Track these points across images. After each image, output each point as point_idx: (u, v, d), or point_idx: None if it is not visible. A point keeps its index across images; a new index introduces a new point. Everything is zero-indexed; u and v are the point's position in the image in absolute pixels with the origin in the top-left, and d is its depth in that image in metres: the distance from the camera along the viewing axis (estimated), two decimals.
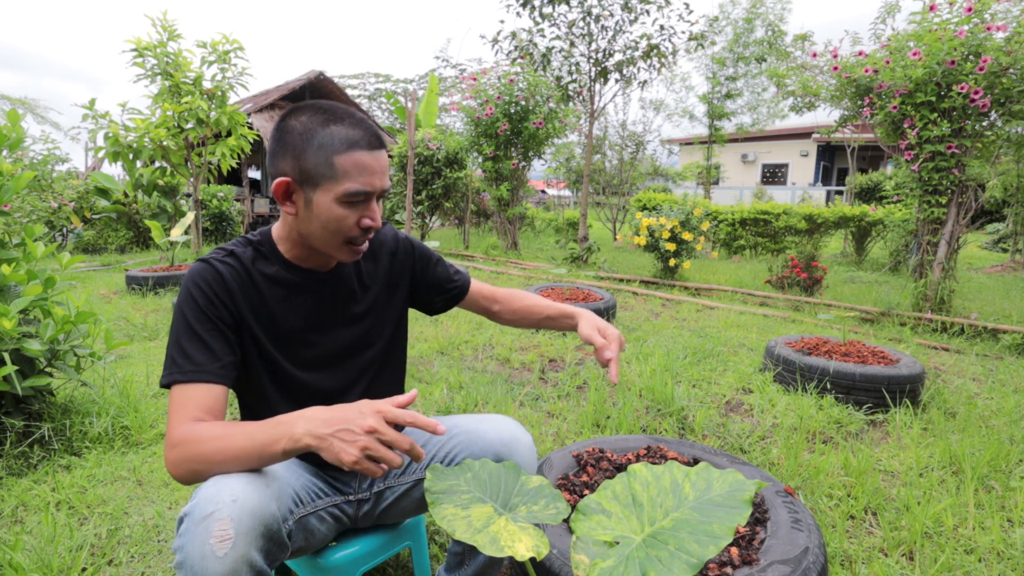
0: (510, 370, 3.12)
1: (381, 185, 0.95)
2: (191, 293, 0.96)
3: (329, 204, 0.93)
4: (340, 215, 0.93)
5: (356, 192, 0.92)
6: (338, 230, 0.95)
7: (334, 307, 1.09)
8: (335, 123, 0.92)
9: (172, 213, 8.28)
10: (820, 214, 8.64)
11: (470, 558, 1.13)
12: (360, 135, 0.93)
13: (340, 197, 0.92)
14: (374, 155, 0.94)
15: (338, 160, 0.91)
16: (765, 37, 11.08)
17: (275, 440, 0.81)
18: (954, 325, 4.16)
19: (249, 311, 1.00)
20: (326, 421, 0.80)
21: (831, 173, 21.85)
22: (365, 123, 0.95)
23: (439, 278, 1.24)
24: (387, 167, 0.97)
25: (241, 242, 1.05)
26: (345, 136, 0.92)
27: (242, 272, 1.01)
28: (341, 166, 0.91)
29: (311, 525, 1.01)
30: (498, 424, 1.08)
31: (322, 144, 0.91)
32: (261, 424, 0.83)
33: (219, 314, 0.96)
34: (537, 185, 20.01)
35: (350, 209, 0.94)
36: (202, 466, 0.83)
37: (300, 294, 1.05)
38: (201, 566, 0.74)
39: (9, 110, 2.43)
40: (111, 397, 2.33)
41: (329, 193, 0.92)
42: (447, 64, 10.88)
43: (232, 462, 0.82)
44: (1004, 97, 4.06)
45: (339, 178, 0.91)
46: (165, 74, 5.57)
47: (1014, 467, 2.03)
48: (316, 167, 0.91)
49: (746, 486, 0.73)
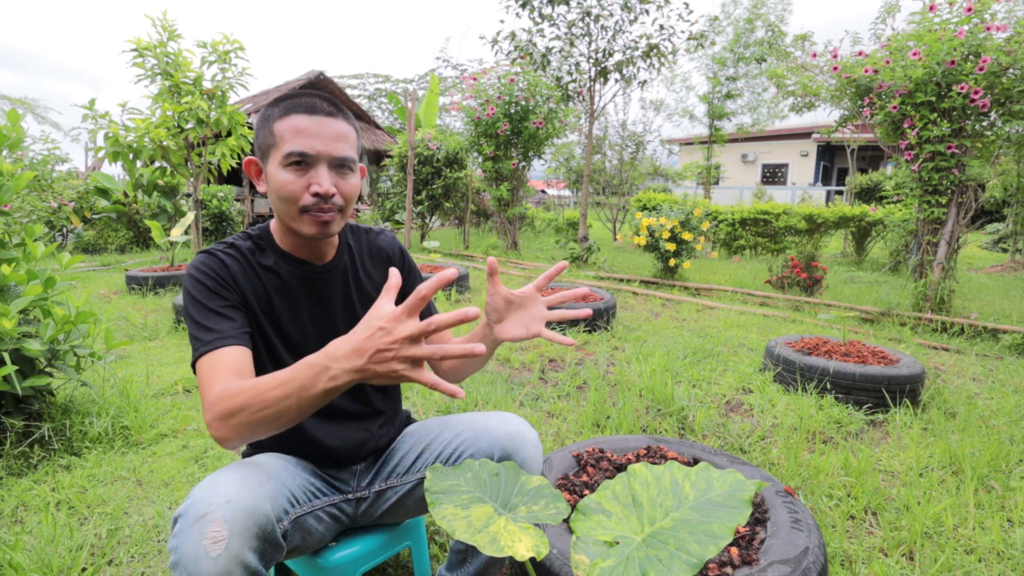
0: (510, 370, 3.12)
1: (323, 149, 0.94)
2: (197, 279, 0.98)
3: (276, 171, 0.96)
4: (284, 180, 0.94)
5: (291, 153, 0.93)
6: (288, 197, 0.95)
7: (330, 301, 1.10)
8: (285, 100, 0.97)
9: (172, 213, 8.28)
10: (820, 214, 8.64)
11: (472, 556, 1.13)
12: (300, 101, 0.96)
13: (281, 161, 0.95)
14: (315, 119, 0.95)
15: (277, 126, 0.95)
16: (765, 37, 11.08)
17: (312, 382, 0.76)
18: (954, 325, 4.16)
19: (252, 296, 1.02)
20: (356, 350, 0.73)
21: (831, 173, 21.85)
22: (311, 94, 0.98)
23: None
24: (340, 135, 0.96)
25: (241, 236, 1.07)
26: (286, 105, 0.96)
27: (243, 261, 1.03)
28: (279, 131, 0.95)
29: (309, 525, 1.01)
30: (504, 421, 1.09)
31: (267, 116, 0.97)
32: (291, 369, 0.79)
33: (227, 292, 0.99)
34: (537, 185, 20.03)
35: (294, 174, 0.94)
36: (242, 418, 0.80)
37: (297, 285, 1.07)
38: (195, 567, 0.74)
39: (9, 110, 2.43)
40: (111, 397, 2.34)
41: (275, 160, 0.96)
42: (447, 64, 10.86)
43: (272, 409, 0.78)
44: (1004, 97, 4.06)
45: (279, 144, 0.95)
46: (165, 74, 5.57)
47: (1014, 467, 2.03)
48: (264, 139, 0.97)
49: (746, 486, 0.73)
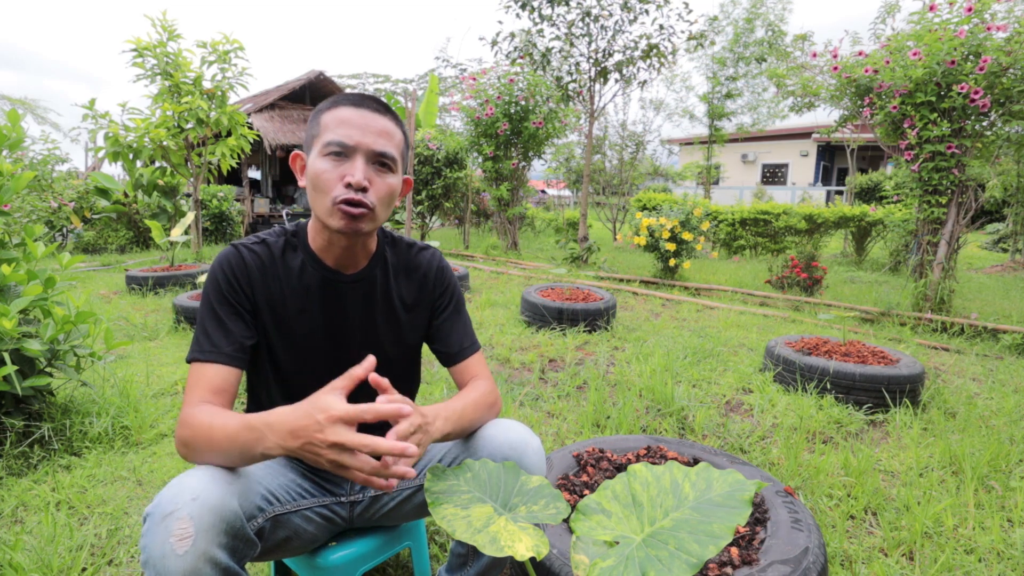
0: (510, 370, 3.12)
1: (362, 140, 0.95)
2: (215, 276, 1.01)
3: (314, 161, 0.97)
4: (320, 169, 0.95)
5: (331, 142, 0.94)
6: (322, 187, 0.95)
7: (346, 309, 1.08)
8: (337, 95, 0.99)
9: (172, 213, 8.27)
10: (820, 214, 8.64)
11: (473, 559, 1.11)
12: (350, 96, 0.98)
13: (321, 150, 0.96)
14: (359, 112, 0.96)
15: (323, 117, 0.97)
16: (765, 37, 11.08)
17: (251, 446, 0.83)
18: (954, 325, 4.16)
19: (264, 299, 1.03)
20: (292, 433, 0.79)
21: (831, 173, 21.84)
22: (364, 92, 1.00)
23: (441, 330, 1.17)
24: (383, 131, 0.97)
25: (276, 232, 1.08)
26: (337, 98, 0.99)
27: (267, 261, 1.04)
28: (324, 122, 0.97)
29: (294, 524, 1.01)
30: (507, 428, 1.06)
31: (319, 110, 0.99)
32: (240, 425, 0.84)
33: (238, 297, 1.00)
34: (537, 185, 20.01)
35: (331, 163, 0.95)
36: (194, 453, 0.87)
37: (317, 290, 1.05)
38: (162, 564, 0.74)
39: (9, 110, 2.43)
40: (111, 397, 2.33)
41: (315, 150, 0.97)
42: (447, 64, 10.85)
43: (217, 454, 0.86)
44: (1004, 97, 4.06)
45: (321, 133, 0.96)
46: (165, 74, 5.57)
47: (1014, 467, 2.03)
48: (311, 129, 0.99)
49: (746, 486, 0.73)
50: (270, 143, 10.60)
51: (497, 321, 4.17)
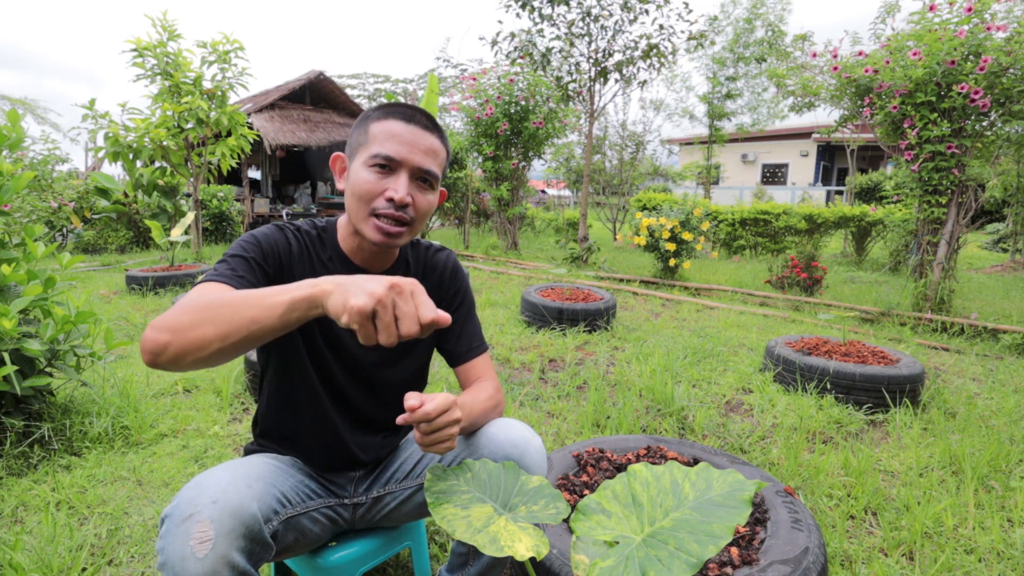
0: (510, 370, 3.12)
1: (409, 156, 0.95)
2: (257, 237, 0.99)
3: (358, 169, 0.97)
4: (364, 178, 0.95)
5: (378, 154, 0.95)
6: (363, 196, 0.96)
7: None
8: (389, 105, 0.98)
9: (172, 213, 8.27)
10: (820, 214, 8.64)
11: (474, 559, 1.11)
12: (401, 109, 0.98)
13: (367, 160, 0.96)
14: (410, 127, 0.96)
15: (372, 127, 0.97)
16: (765, 37, 11.08)
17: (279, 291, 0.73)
18: (954, 325, 4.16)
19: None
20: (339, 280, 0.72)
21: (831, 173, 21.85)
22: (415, 106, 0.99)
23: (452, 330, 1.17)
24: (430, 150, 0.98)
25: (308, 223, 1.08)
26: (387, 109, 0.98)
27: (307, 247, 1.04)
28: (373, 132, 0.97)
29: (303, 525, 1.01)
30: (508, 427, 1.06)
31: (366, 116, 0.99)
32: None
33: (265, 266, 0.97)
34: (537, 185, 20.02)
35: (376, 175, 0.95)
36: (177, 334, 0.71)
37: None
38: (181, 567, 0.74)
39: (9, 110, 2.43)
40: (111, 397, 2.33)
41: (361, 159, 0.97)
42: (447, 64, 10.84)
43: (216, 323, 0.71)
44: (1004, 97, 4.06)
45: (369, 143, 0.96)
46: (165, 74, 5.58)
47: (1014, 467, 2.03)
48: (357, 137, 0.99)
49: (746, 486, 0.73)
50: (270, 143, 10.60)
51: (497, 321, 4.17)
